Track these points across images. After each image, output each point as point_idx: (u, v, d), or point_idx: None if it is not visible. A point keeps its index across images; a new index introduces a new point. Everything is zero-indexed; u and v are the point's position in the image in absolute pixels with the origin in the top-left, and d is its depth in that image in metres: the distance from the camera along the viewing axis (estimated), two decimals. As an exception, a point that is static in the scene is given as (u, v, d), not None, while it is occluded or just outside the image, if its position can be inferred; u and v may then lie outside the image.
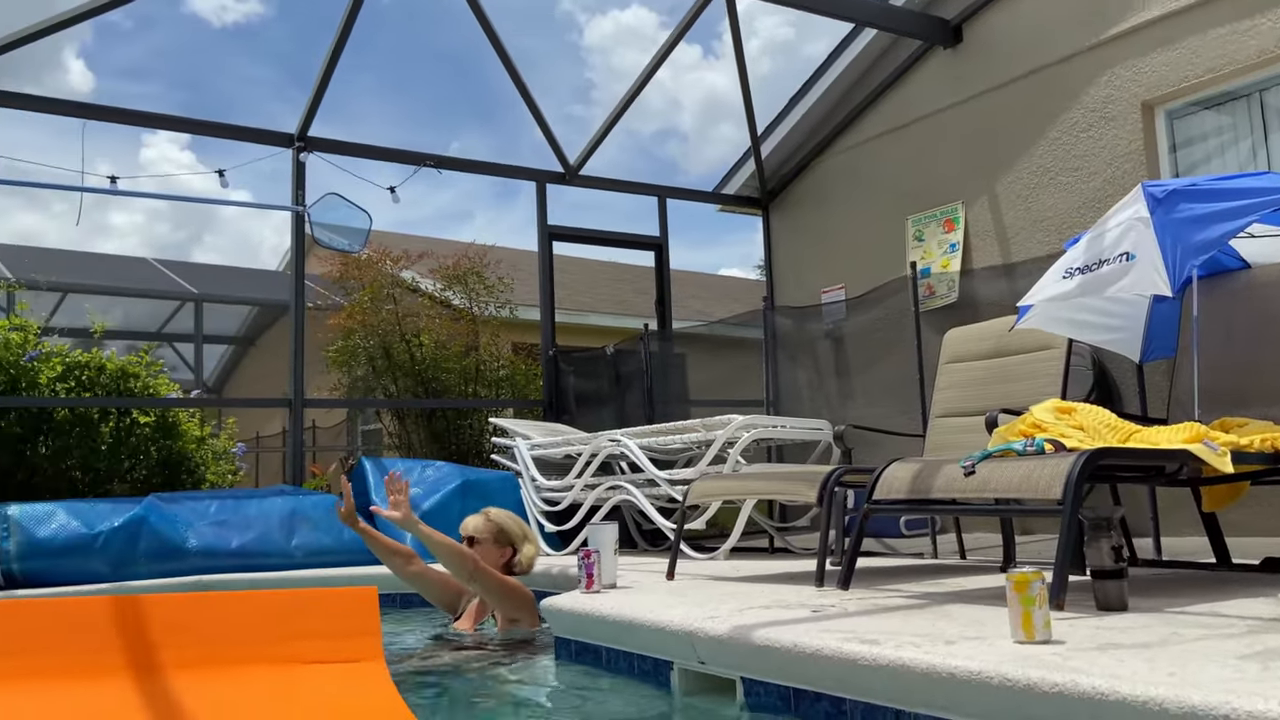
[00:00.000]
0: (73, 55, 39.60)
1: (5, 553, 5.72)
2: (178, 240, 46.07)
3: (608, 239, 9.39)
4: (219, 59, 36.61)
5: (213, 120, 7.74)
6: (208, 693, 2.35)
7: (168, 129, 7.76)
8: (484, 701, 3.18)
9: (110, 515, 6.09)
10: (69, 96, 24.73)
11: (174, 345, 16.97)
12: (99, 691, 2.25)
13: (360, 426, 14.37)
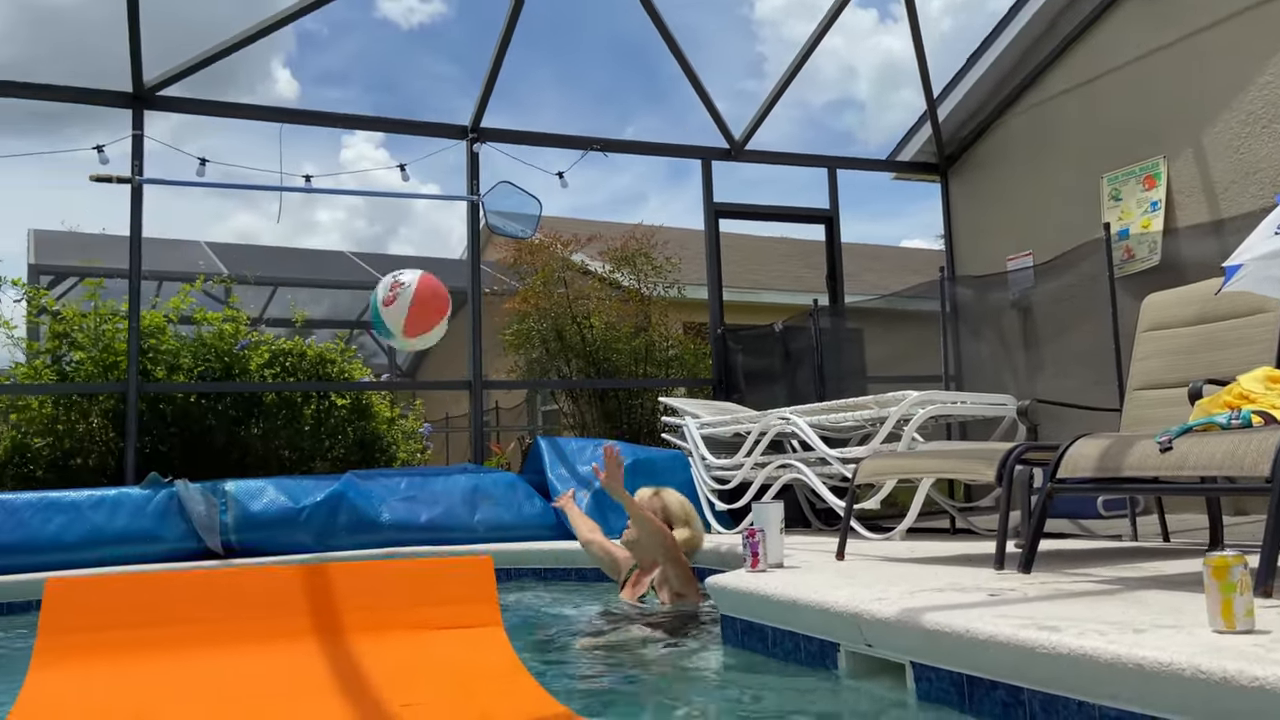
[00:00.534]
0: (280, 65, 42.76)
1: (225, 525, 6.27)
2: (374, 234, 48.99)
3: (775, 214, 9.24)
4: (408, 59, 38.52)
5: (401, 118, 8.16)
6: (346, 656, 2.49)
7: (352, 128, 8.23)
8: (652, 676, 3.21)
9: (313, 491, 6.56)
10: (275, 103, 26.73)
11: (372, 333, 18.09)
12: (242, 653, 2.45)
13: (540, 407, 14.85)
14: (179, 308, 7.88)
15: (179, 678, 2.39)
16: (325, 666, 2.45)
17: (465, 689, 2.46)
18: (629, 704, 2.79)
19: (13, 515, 5.88)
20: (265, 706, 2.26)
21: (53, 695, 2.25)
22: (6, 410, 7.39)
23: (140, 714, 2.18)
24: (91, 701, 2.25)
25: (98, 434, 7.32)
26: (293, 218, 45.22)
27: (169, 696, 2.31)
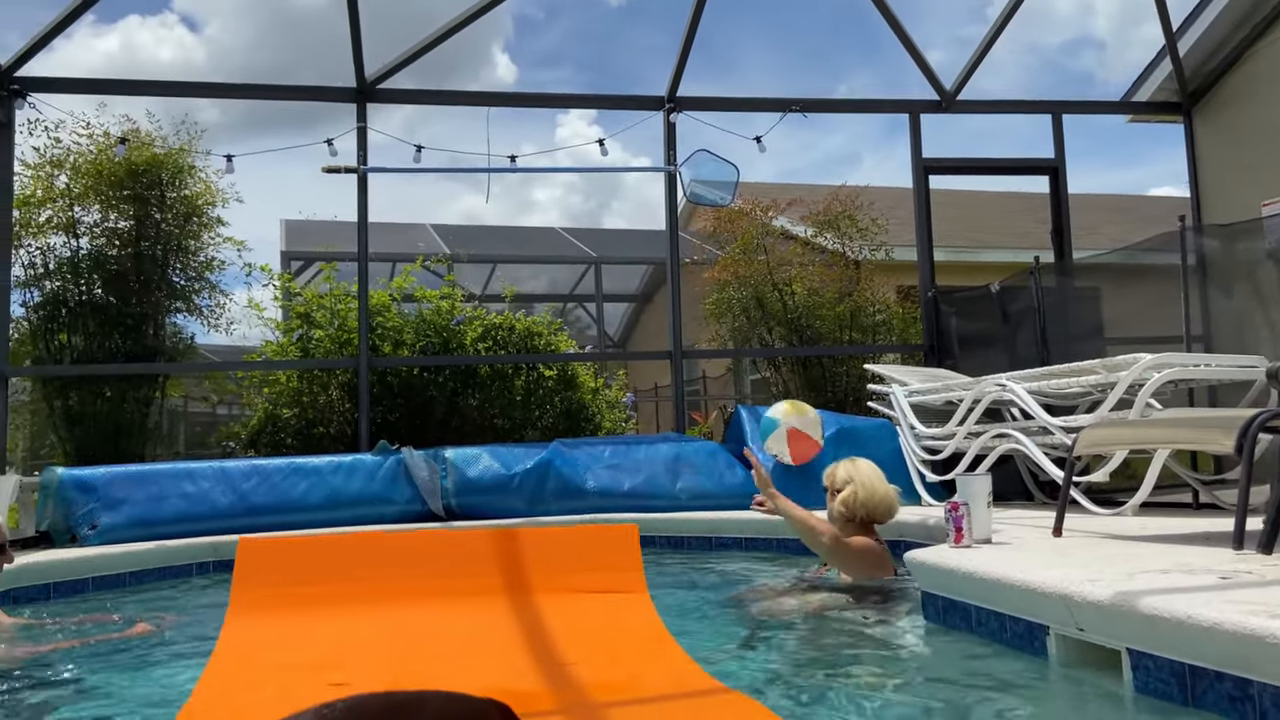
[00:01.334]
0: (499, 50, 44.65)
1: (445, 489, 6.67)
2: (589, 209, 50.32)
3: (992, 167, 8.66)
4: (617, 34, 39.18)
5: (598, 94, 8.31)
6: (503, 615, 2.57)
7: (549, 106, 8.42)
8: (843, 648, 3.11)
9: (524, 458, 6.86)
10: (495, 88, 27.89)
11: (584, 306, 18.69)
12: (413, 607, 2.58)
13: (748, 375, 14.81)
14: (402, 287, 8.43)
15: (353, 630, 2.56)
16: (483, 624, 2.56)
17: (613, 651, 2.52)
18: (815, 675, 2.71)
19: (266, 479, 6.52)
20: (428, 658, 2.39)
21: (244, 644, 2.48)
22: (260, 384, 8.22)
23: (320, 661, 2.36)
24: (278, 649, 2.45)
25: (336, 405, 7.99)
26: (513, 197, 47.32)
27: (345, 646, 2.48)
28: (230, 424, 8.87)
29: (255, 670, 2.27)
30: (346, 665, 2.30)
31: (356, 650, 2.42)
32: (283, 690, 2.13)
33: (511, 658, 2.40)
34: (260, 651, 2.39)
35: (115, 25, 55.51)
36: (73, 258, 7.74)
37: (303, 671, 2.24)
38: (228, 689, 2.13)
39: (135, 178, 7.79)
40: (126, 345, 7.69)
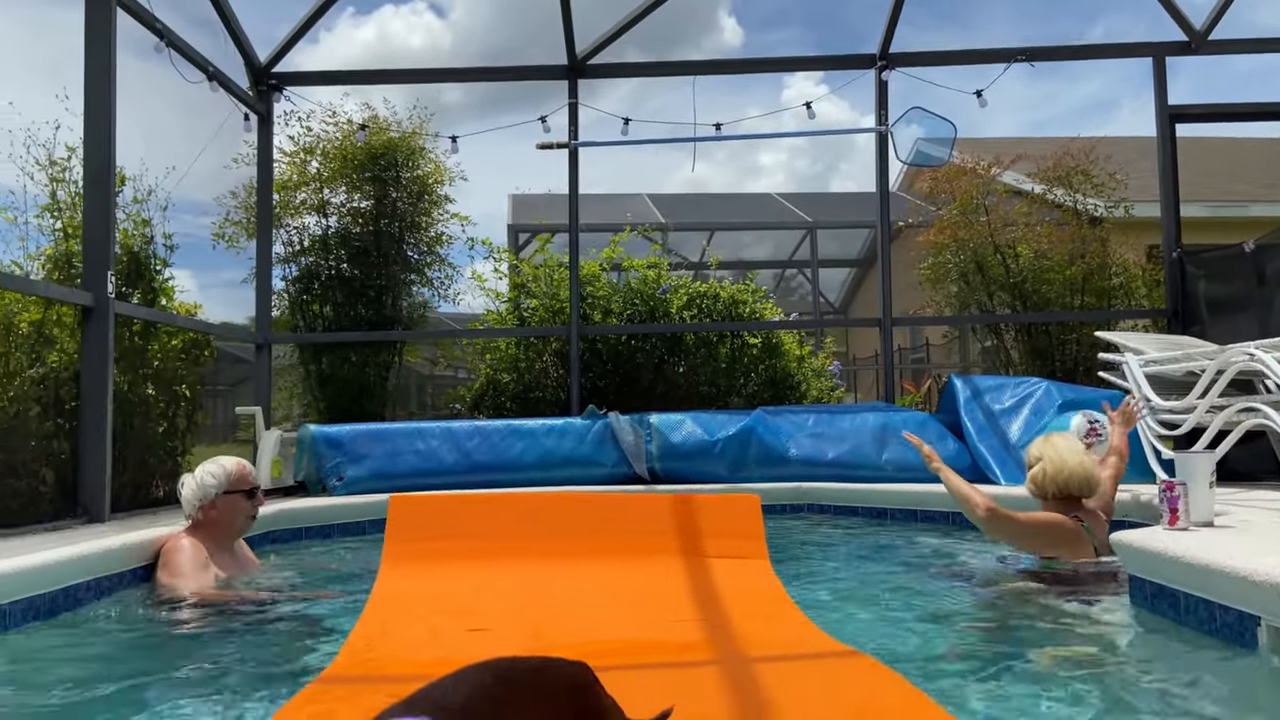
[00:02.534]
0: (726, 14, 44.39)
1: (650, 453, 6.86)
2: (816, 172, 49.20)
3: (1248, 113, 7.73)
4: (843, -10, 37.90)
5: (808, 55, 8.15)
6: (630, 573, 2.62)
7: (750, 72, 8.31)
8: (1037, 632, 2.96)
9: (726, 425, 6.92)
10: (722, 53, 27.81)
11: (803, 271, 18.46)
12: (546, 566, 2.70)
13: (980, 342, 14.10)
14: (610, 257, 8.70)
15: (493, 582, 2.72)
16: (612, 581, 2.65)
17: (730, 612, 2.56)
18: (1005, 655, 2.60)
19: (487, 439, 6.97)
20: (560, 610, 2.52)
21: (396, 591, 2.70)
22: (482, 350, 8.78)
23: (463, 609, 2.54)
24: (425, 597, 2.66)
25: (550, 370, 8.40)
26: (738, 163, 47.13)
27: (485, 597, 2.65)
28: (457, 387, 9.54)
29: (406, 614, 2.50)
30: (486, 614, 2.48)
31: (496, 601, 2.60)
32: (430, 633, 2.33)
33: (637, 612, 2.49)
34: (410, 598, 2.62)
35: (371, 16, 59.92)
36: (323, 236, 8.57)
37: (447, 617, 2.43)
38: (382, 630, 2.35)
39: (374, 160, 8.48)
40: (369, 314, 8.44)
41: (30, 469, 5.00)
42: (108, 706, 2.28)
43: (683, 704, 1.81)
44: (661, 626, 2.36)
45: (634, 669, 2.06)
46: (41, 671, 2.68)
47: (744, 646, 2.21)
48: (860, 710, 1.77)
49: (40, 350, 5.20)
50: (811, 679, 1.97)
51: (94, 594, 3.61)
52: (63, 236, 5.59)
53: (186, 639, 3.11)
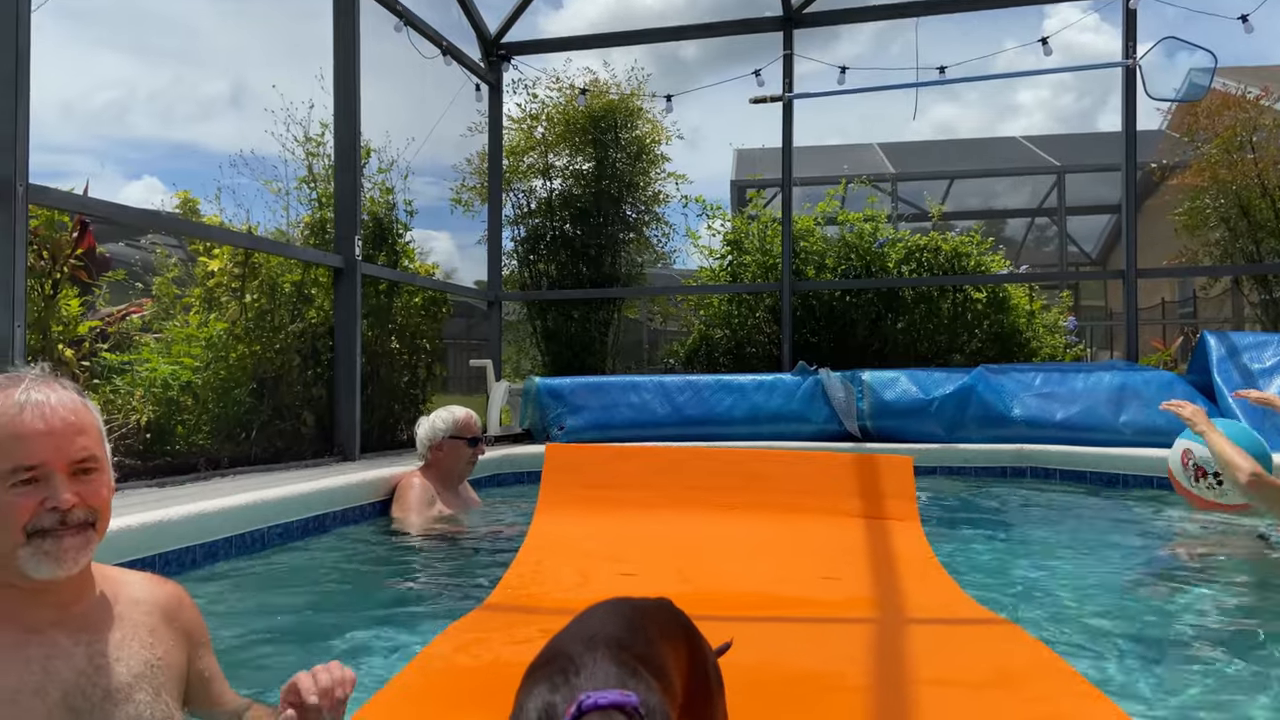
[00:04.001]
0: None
1: (861, 411, 6.75)
2: (1081, 109, 45.22)
3: None
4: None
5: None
6: (780, 530, 2.58)
7: (976, 8, 7.77)
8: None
9: (944, 383, 6.67)
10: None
11: (1054, 219, 17.20)
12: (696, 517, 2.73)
13: (1245, 296, 12.63)
14: (825, 211, 8.54)
15: (643, 530, 2.80)
16: (759, 535, 2.65)
17: (877, 572, 2.51)
18: (1238, 627, 2.41)
19: (697, 393, 7.12)
20: (706, 559, 2.57)
21: (550, 535, 2.85)
22: (696, 307, 8.92)
23: (614, 554, 2.65)
24: (578, 541, 2.78)
25: (762, 326, 8.41)
26: (991, 104, 44.04)
27: (635, 544, 2.73)
28: (672, 343, 9.76)
29: (559, 556, 2.65)
30: (634, 560, 2.57)
31: (644, 548, 2.69)
32: (580, 574, 2.46)
33: (780, 566, 2.50)
34: (562, 542, 2.77)
35: (603, -23, 60.92)
36: (548, 198, 8.99)
37: (598, 561, 2.55)
38: (536, 570, 2.51)
39: (595, 123, 8.77)
40: (590, 273, 8.80)
41: (294, 412, 5.67)
42: (335, 617, 2.62)
43: (818, 657, 1.85)
44: (807, 582, 2.38)
45: (774, 621, 2.10)
46: (285, 584, 3.09)
47: (886, 607, 2.18)
48: (998, 673, 1.72)
49: (301, 308, 5.86)
50: (950, 641, 1.93)
51: (339, 522, 4.09)
52: (318, 205, 6.23)
53: (403, 565, 3.50)
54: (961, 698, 1.59)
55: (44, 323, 4.05)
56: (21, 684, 1.28)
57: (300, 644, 2.37)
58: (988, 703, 1.57)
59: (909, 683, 1.65)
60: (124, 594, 1.46)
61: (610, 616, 0.87)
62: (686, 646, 0.95)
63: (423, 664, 1.69)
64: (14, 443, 1.31)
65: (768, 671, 1.75)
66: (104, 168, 34.94)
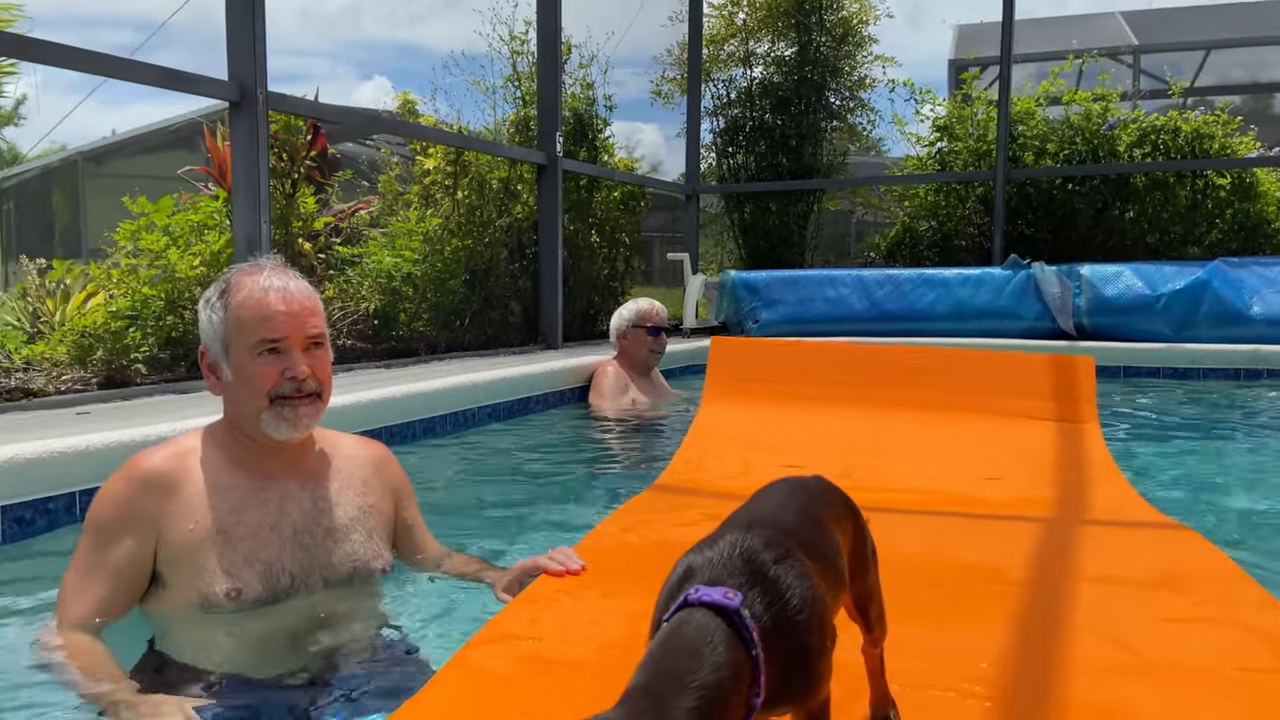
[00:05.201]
0: None
1: (1077, 308, 6.37)
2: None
3: None
4: None
5: None
6: (948, 430, 2.49)
7: None
8: None
9: (1174, 278, 6.16)
10: None
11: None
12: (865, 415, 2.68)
13: None
14: (1048, 90, 7.88)
15: (810, 425, 2.79)
16: (927, 434, 2.59)
17: (1048, 474, 2.40)
18: None
19: (898, 288, 6.94)
20: (872, 455, 2.55)
21: (716, 425, 2.89)
22: (900, 198, 8.58)
23: (778, 446, 2.67)
24: (743, 432, 2.82)
25: (973, 218, 7.99)
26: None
27: (801, 438, 2.73)
28: (873, 235, 9.46)
29: (722, 445, 2.69)
30: (798, 452, 2.57)
31: (808, 441, 2.69)
32: (743, 463, 2.50)
33: (946, 465, 2.44)
34: (727, 432, 2.81)
35: None
36: (748, 87, 8.83)
37: (760, 452, 2.58)
38: (700, 458, 2.58)
39: (798, 5, 8.46)
40: (789, 164, 8.63)
41: (502, 302, 6.03)
42: (527, 490, 2.87)
43: (979, 551, 1.85)
44: (973, 481, 2.33)
45: (937, 515, 2.09)
46: (488, 458, 3.39)
47: (1053, 507, 2.12)
48: (1167, 575, 1.66)
49: (508, 203, 6.15)
50: (1117, 542, 1.86)
51: (541, 405, 4.39)
52: (522, 103, 6.44)
53: (593, 447, 3.76)
54: (1126, 595, 1.55)
55: (285, 219, 4.50)
56: (261, 520, 1.53)
57: (497, 510, 2.63)
58: (1154, 603, 1.53)
59: (1072, 579, 1.63)
60: (341, 452, 1.69)
61: (784, 501, 0.92)
62: (852, 525, 1.00)
63: (593, 541, 1.83)
64: (261, 321, 1.53)
65: (928, 562, 1.78)
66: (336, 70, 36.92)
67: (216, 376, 1.58)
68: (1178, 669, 1.28)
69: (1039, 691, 1.20)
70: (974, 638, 1.38)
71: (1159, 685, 1.22)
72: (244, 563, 1.50)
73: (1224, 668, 1.28)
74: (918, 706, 1.12)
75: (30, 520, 2.20)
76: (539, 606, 1.44)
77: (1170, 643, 1.38)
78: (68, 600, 1.47)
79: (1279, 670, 1.29)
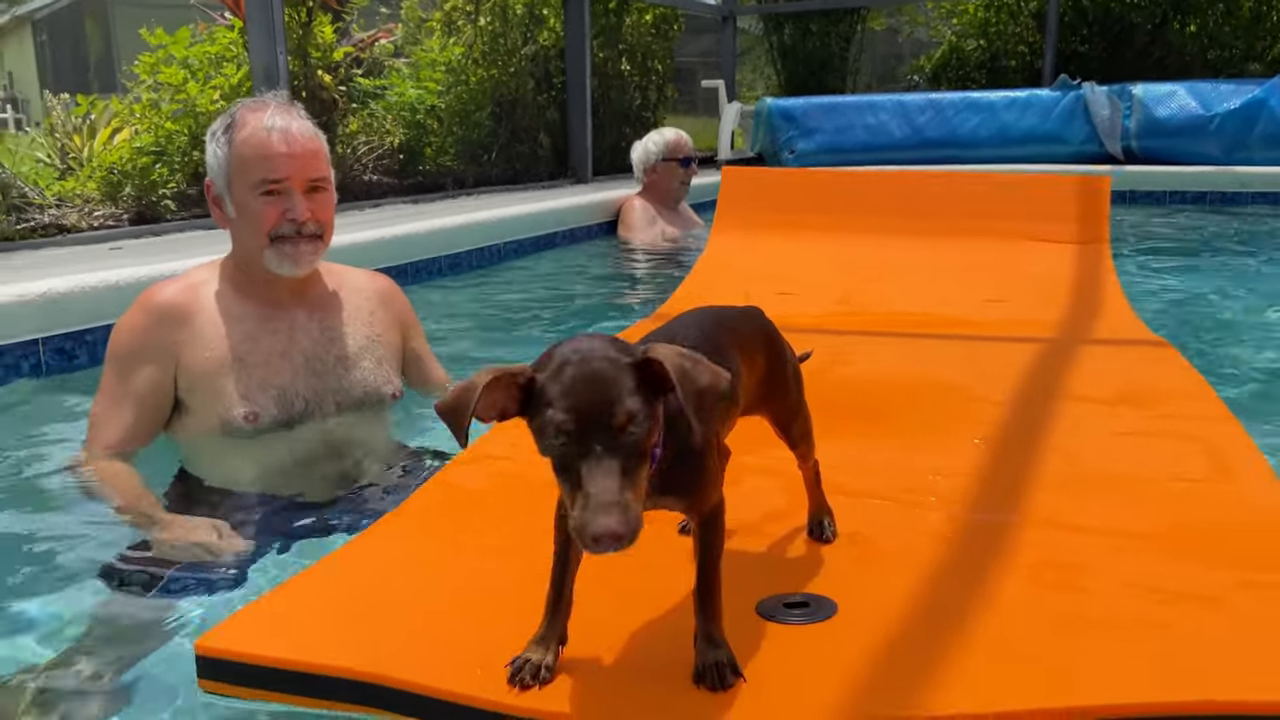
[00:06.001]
0: None
1: (1126, 130, 6.11)
2: None
3: None
4: None
5: None
6: (951, 252, 2.46)
7: None
8: None
9: (1230, 96, 5.87)
10: None
11: None
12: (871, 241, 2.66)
13: None
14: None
15: (810, 253, 2.78)
16: (927, 260, 2.58)
17: (1049, 297, 2.40)
18: None
19: (940, 113, 6.68)
20: (868, 281, 2.57)
21: (720, 255, 2.89)
22: (948, 15, 8.12)
23: (776, 274, 2.68)
24: (744, 262, 2.82)
25: (1024, 35, 7.57)
26: None
27: (799, 266, 2.73)
28: (919, 57, 9.00)
29: (726, 275, 2.71)
30: (798, 280, 2.58)
31: (810, 269, 2.68)
32: (743, 293, 2.50)
33: (948, 289, 2.44)
34: (731, 263, 2.82)
35: None
36: (788, -105, 8.26)
37: (760, 281, 2.57)
38: (704, 287, 2.60)
39: None
40: (831, -20, 8.17)
41: (530, 135, 5.93)
42: (546, 322, 2.94)
43: (961, 372, 1.88)
44: (971, 305, 2.33)
45: (926, 338, 2.11)
46: (512, 291, 3.45)
47: (1043, 327, 2.12)
48: (1135, 390, 1.69)
49: (533, 29, 5.95)
50: (1095, 360, 1.88)
51: (568, 240, 4.41)
52: (545, -81, 6.12)
53: (621, 276, 3.82)
54: (1089, 411, 1.60)
55: (303, 49, 4.41)
56: (272, 348, 1.60)
57: (517, 343, 2.70)
58: (1114, 417, 1.58)
59: (1044, 397, 1.67)
60: (347, 284, 1.73)
61: (689, 324, 0.94)
62: (765, 352, 1.02)
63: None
64: (262, 161, 1.54)
65: (908, 382, 1.83)
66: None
67: (221, 210, 1.61)
68: (1114, 478, 1.31)
69: (975, 500, 1.24)
70: (930, 452, 1.43)
71: (1090, 493, 1.26)
72: (259, 388, 1.57)
73: (1161, 477, 1.31)
74: (855, 513, 1.17)
75: (71, 351, 2.31)
76: (522, 429, 1.49)
77: (1115, 454, 1.41)
78: (97, 428, 1.56)
79: (1213, 480, 1.32)
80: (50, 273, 2.43)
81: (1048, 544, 1.12)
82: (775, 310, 1.11)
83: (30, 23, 21.89)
